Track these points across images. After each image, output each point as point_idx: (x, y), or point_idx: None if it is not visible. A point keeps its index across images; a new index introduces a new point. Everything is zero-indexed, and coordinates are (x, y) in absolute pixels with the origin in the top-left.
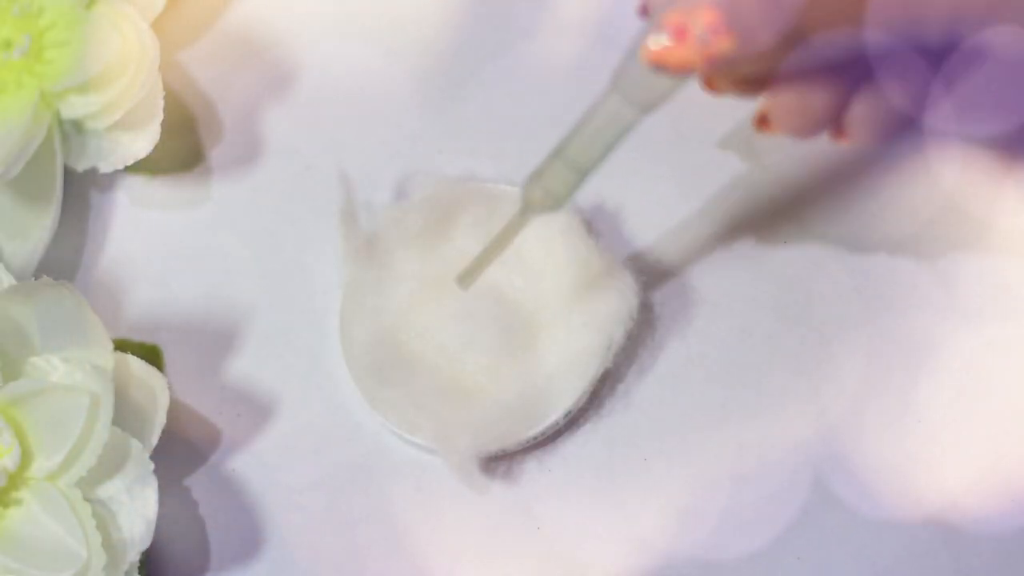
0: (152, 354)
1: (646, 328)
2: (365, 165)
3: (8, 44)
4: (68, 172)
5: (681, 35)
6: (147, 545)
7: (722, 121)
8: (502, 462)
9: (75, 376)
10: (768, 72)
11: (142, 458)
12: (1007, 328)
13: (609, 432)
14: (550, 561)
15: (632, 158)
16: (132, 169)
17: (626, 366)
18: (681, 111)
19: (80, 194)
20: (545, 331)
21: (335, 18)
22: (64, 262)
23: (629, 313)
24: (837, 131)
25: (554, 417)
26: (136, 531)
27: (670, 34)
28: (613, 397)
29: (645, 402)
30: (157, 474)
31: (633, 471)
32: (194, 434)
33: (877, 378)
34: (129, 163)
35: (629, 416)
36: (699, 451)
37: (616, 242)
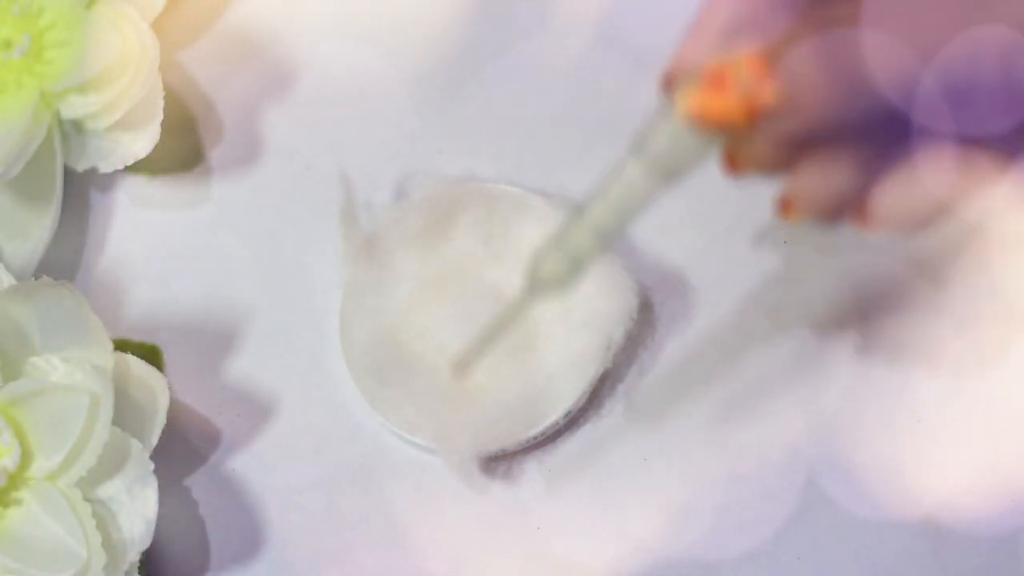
0: (152, 354)
1: (646, 328)
2: (365, 165)
3: (8, 44)
4: (68, 172)
5: (721, 84)
6: (147, 545)
7: None
8: (502, 462)
9: (75, 376)
10: (807, 139)
11: (142, 458)
12: (1002, 329)
13: (609, 432)
14: (550, 561)
15: None
16: (132, 169)
17: (626, 366)
18: None
19: (80, 194)
20: (545, 331)
21: (335, 18)
22: (64, 262)
23: (629, 313)
24: (861, 218)
25: (554, 417)
26: (136, 531)
27: (709, 83)
28: (613, 397)
29: (645, 402)
30: (157, 474)
31: (633, 471)
32: (194, 434)
33: (874, 378)
34: (129, 163)
35: (629, 416)
36: (699, 451)
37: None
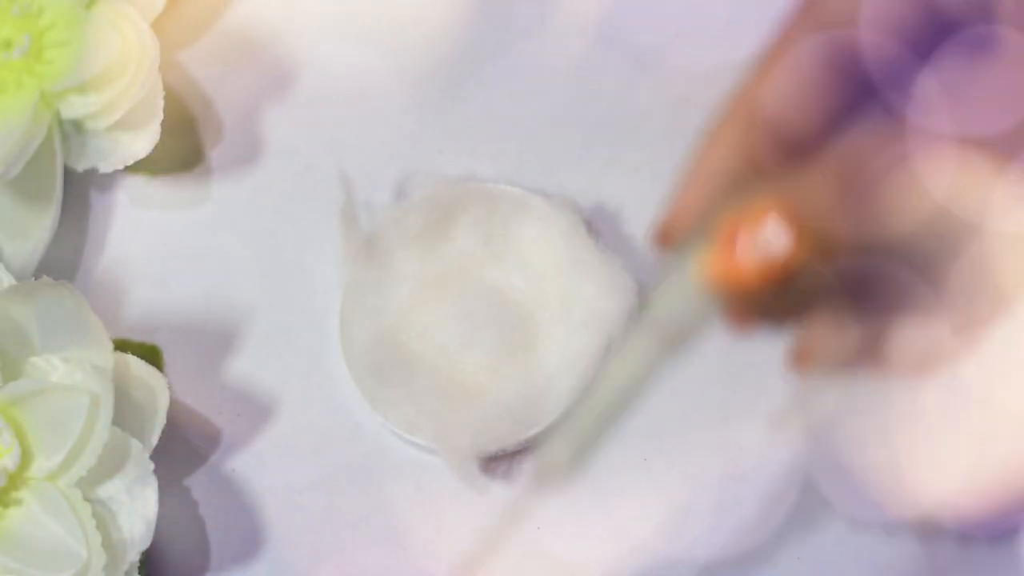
0: (152, 354)
1: None
2: (365, 165)
3: (8, 44)
4: (68, 172)
5: (740, 244)
6: (147, 545)
7: None
8: (502, 462)
9: (75, 376)
10: (820, 292)
11: (142, 458)
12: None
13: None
14: (549, 561)
15: (632, 158)
16: (132, 169)
17: None
18: (681, 110)
19: (80, 194)
20: (545, 331)
21: (335, 18)
22: (64, 262)
23: (629, 313)
24: (876, 364)
25: (554, 417)
26: (136, 531)
27: (726, 245)
28: None
29: (645, 402)
30: (157, 474)
31: (633, 471)
32: (194, 434)
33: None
34: (129, 163)
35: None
36: (699, 451)
37: (616, 242)
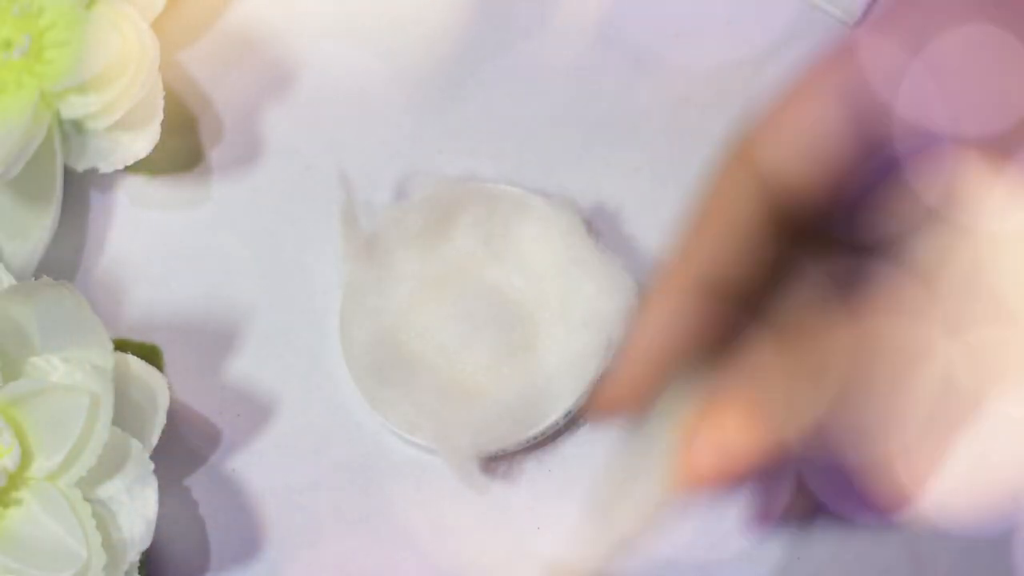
0: (152, 354)
1: None
2: (365, 165)
3: (8, 44)
4: (68, 172)
5: (696, 448)
6: (147, 545)
7: (722, 121)
8: (502, 462)
9: (75, 376)
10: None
11: (142, 458)
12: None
13: (609, 432)
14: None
15: (632, 158)
16: (132, 169)
17: None
18: (681, 110)
19: (80, 194)
20: (545, 331)
21: (335, 18)
22: (64, 262)
23: (629, 313)
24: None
25: (554, 417)
26: (136, 531)
27: (693, 450)
28: None
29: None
30: (157, 474)
31: None
32: (194, 434)
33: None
34: (129, 163)
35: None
36: None
37: (616, 242)
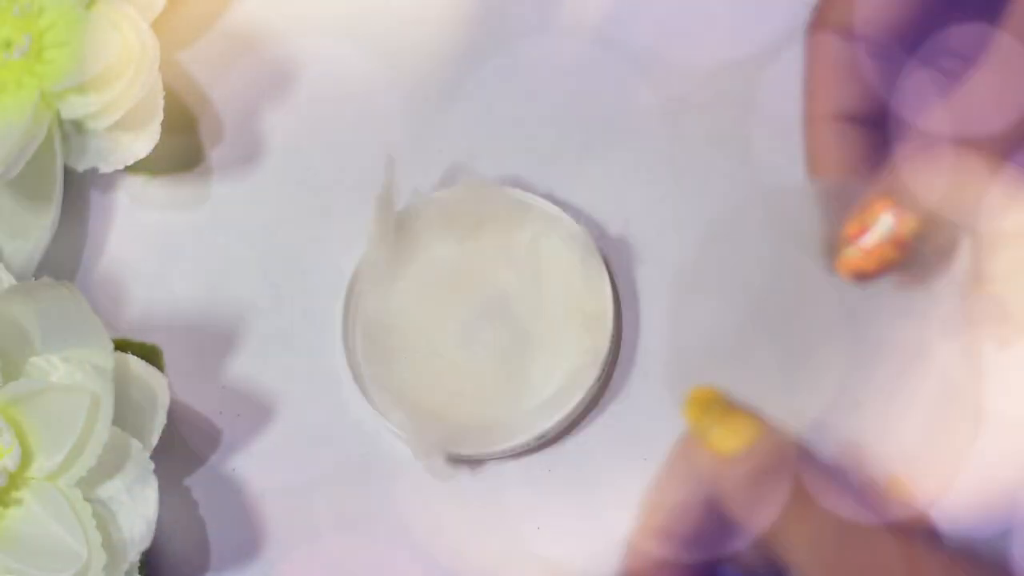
0: (152, 354)
1: None
2: (365, 165)
3: (8, 44)
4: (68, 172)
5: (866, 233)
6: (147, 545)
7: (722, 120)
8: (502, 462)
9: (75, 376)
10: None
11: (142, 458)
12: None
13: (609, 432)
14: (550, 561)
15: (632, 158)
16: (132, 169)
17: (626, 367)
18: (681, 110)
19: (80, 194)
20: (544, 335)
21: (335, 18)
22: (64, 262)
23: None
24: None
25: (549, 423)
26: (136, 531)
27: (857, 240)
28: (613, 398)
29: (645, 403)
30: (157, 474)
31: (633, 471)
32: (194, 434)
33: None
34: (129, 163)
35: (629, 416)
36: None
37: (616, 242)
